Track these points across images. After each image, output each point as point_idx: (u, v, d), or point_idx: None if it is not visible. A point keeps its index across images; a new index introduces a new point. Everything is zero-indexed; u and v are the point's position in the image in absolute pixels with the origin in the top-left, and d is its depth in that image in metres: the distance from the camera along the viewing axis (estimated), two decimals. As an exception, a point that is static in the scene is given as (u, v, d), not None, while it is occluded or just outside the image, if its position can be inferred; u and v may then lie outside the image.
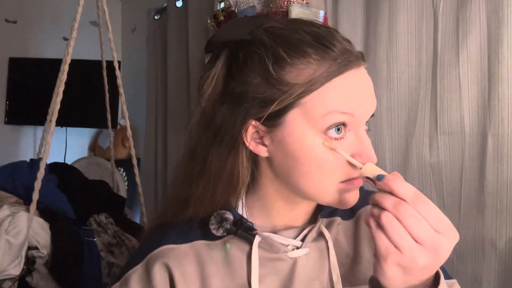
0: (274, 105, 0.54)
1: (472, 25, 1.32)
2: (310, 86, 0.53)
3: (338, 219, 0.67)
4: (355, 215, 0.68)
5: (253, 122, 0.56)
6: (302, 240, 0.62)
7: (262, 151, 0.58)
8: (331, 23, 1.71)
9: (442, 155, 1.40)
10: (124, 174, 2.82)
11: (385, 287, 0.49)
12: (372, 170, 0.52)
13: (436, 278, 0.51)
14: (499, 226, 1.25)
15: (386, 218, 0.47)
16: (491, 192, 1.27)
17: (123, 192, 2.54)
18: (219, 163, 0.58)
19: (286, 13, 1.67)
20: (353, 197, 0.57)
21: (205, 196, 0.59)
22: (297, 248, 0.62)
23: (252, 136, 0.57)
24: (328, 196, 0.57)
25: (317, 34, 0.55)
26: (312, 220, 0.65)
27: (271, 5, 1.77)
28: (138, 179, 1.73)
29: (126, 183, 2.77)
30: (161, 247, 0.61)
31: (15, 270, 1.26)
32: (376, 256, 0.48)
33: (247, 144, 0.57)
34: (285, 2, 1.70)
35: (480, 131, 1.31)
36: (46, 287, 1.31)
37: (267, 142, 0.57)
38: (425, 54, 1.45)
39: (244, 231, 0.60)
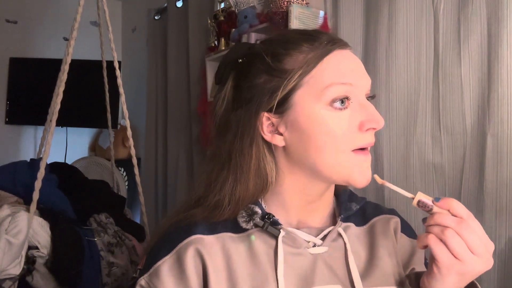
0: (280, 91, 0.60)
1: (473, 25, 1.32)
2: (307, 67, 0.60)
3: (352, 225, 0.70)
4: (369, 223, 0.72)
5: (266, 114, 0.62)
6: (322, 239, 0.65)
7: (279, 141, 0.63)
8: (331, 23, 1.71)
9: (445, 155, 1.40)
10: (124, 174, 2.82)
11: None
12: (424, 195, 0.57)
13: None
14: (499, 226, 1.25)
15: (449, 233, 0.54)
16: (491, 192, 1.27)
17: (123, 192, 2.54)
18: (243, 155, 0.62)
19: (286, 13, 1.67)
20: (363, 175, 0.61)
21: (239, 194, 0.63)
22: (317, 246, 0.65)
23: (267, 129, 0.63)
24: (341, 167, 0.60)
25: (304, 31, 0.66)
26: (329, 223, 0.69)
27: (271, 5, 1.77)
28: (138, 179, 1.73)
29: (126, 183, 2.77)
30: (191, 237, 0.63)
31: (15, 269, 1.26)
32: (438, 266, 0.56)
33: (264, 135, 0.63)
34: (285, 2, 1.70)
35: (479, 131, 1.31)
36: (46, 287, 1.31)
37: (281, 129, 0.62)
38: (424, 54, 1.44)
39: (271, 225, 0.63)
